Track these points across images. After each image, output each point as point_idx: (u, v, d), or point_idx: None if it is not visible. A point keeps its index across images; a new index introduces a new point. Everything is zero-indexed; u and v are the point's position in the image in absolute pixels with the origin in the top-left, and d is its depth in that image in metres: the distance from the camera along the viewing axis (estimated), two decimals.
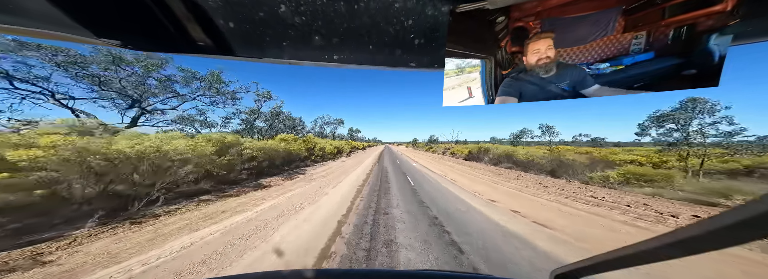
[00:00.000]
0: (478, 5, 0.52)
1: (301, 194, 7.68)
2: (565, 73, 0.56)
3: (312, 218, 5.25)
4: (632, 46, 0.51)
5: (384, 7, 0.53)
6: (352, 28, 0.59)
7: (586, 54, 0.54)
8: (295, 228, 4.65)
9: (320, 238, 4.15)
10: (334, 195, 7.56)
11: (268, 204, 6.46)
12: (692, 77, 0.48)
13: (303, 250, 3.71)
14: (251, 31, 0.60)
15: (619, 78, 0.53)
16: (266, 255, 3.55)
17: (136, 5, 0.52)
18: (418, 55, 0.69)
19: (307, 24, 0.57)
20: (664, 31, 0.48)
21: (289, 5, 0.53)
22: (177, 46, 0.63)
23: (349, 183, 9.85)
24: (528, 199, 7.65)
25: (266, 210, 5.89)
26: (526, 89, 0.60)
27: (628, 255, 0.42)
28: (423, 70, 0.75)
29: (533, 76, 0.58)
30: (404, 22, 0.57)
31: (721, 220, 0.27)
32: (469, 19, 0.54)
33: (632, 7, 0.48)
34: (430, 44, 0.64)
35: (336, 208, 6.11)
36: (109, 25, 0.55)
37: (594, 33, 0.52)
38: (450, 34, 0.56)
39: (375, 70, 0.80)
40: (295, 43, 0.64)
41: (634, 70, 0.51)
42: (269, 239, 4.11)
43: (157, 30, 0.58)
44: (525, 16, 0.54)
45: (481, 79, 0.63)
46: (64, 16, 0.50)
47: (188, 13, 0.54)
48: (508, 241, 4.14)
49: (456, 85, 0.64)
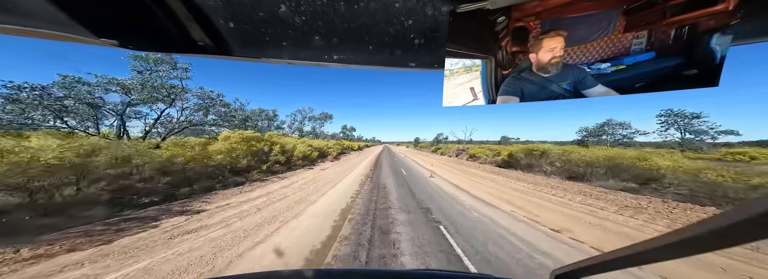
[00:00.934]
0: (479, 5, 0.51)
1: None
2: (566, 72, 0.56)
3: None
4: (633, 45, 0.51)
5: (384, 7, 0.53)
6: (352, 28, 0.59)
7: (587, 54, 0.54)
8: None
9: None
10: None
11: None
12: (693, 77, 0.48)
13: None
14: (251, 31, 0.60)
15: (619, 78, 0.53)
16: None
17: (136, 5, 0.52)
18: (418, 55, 0.69)
19: (307, 24, 0.57)
20: (665, 31, 0.48)
21: (289, 5, 0.53)
22: (177, 46, 0.63)
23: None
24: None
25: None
26: (528, 89, 0.60)
27: (628, 255, 0.41)
28: (423, 70, 0.75)
29: (534, 76, 0.58)
30: (404, 22, 0.57)
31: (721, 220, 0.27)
32: (470, 19, 0.54)
33: (633, 7, 0.48)
34: (430, 44, 0.64)
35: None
36: (109, 25, 0.55)
37: (595, 33, 0.52)
38: (450, 34, 0.56)
39: (375, 70, 0.80)
40: (295, 43, 0.64)
41: (634, 70, 0.51)
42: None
43: (157, 30, 0.58)
44: (525, 16, 0.54)
45: (482, 79, 0.63)
46: (64, 16, 0.50)
47: (188, 13, 0.54)
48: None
49: (456, 85, 0.64)
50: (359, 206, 6.66)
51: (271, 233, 4.74)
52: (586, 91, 0.56)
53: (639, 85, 0.51)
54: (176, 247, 4.17)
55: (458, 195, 8.24)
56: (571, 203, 7.45)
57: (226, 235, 4.63)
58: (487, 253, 3.87)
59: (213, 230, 4.92)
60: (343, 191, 8.64)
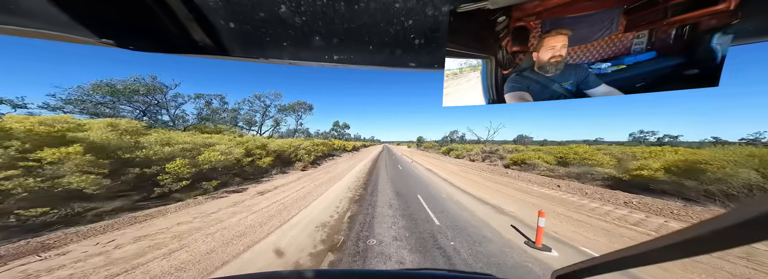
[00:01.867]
0: (479, 5, 0.51)
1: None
2: (568, 72, 0.56)
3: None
4: (634, 45, 0.51)
5: (384, 7, 0.53)
6: (352, 29, 0.59)
7: (588, 53, 0.53)
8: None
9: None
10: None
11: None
12: (693, 77, 0.48)
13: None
14: (251, 31, 0.60)
15: (620, 77, 0.53)
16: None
17: (136, 5, 0.52)
18: (418, 55, 0.69)
19: (307, 24, 0.57)
20: (665, 31, 0.48)
21: (289, 5, 0.53)
22: (177, 46, 0.63)
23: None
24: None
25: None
26: (529, 89, 0.60)
27: (629, 256, 0.41)
28: (423, 70, 0.75)
29: (536, 76, 0.58)
30: (404, 22, 0.57)
31: (722, 220, 0.27)
32: (470, 19, 0.54)
33: (633, 7, 0.48)
34: (430, 44, 0.63)
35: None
36: (109, 25, 0.55)
37: (595, 33, 0.52)
38: (450, 34, 0.56)
39: (375, 70, 0.80)
40: (295, 43, 0.64)
41: (635, 69, 0.51)
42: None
43: (157, 30, 0.58)
44: (526, 16, 0.53)
45: (482, 79, 0.62)
46: (64, 16, 0.49)
47: (188, 13, 0.54)
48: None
49: (456, 85, 0.64)
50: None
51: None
52: (589, 91, 0.56)
53: (640, 85, 0.51)
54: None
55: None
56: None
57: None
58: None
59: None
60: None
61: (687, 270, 3.68)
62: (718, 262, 3.89)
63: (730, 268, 3.73)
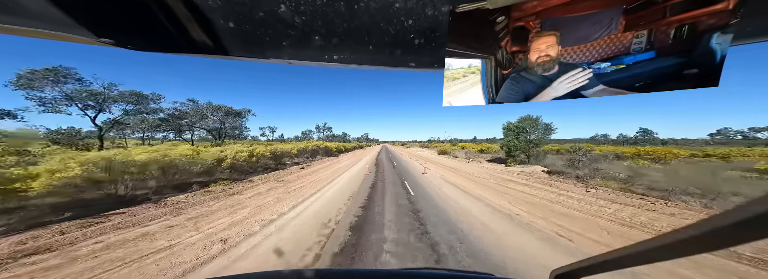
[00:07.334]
0: (478, 5, 0.51)
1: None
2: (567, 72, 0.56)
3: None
4: (633, 45, 0.51)
5: (384, 7, 0.53)
6: (352, 28, 0.59)
7: (587, 53, 0.53)
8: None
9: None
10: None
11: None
12: (693, 77, 0.48)
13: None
14: (251, 31, 0.60)
15: (620, 77, 0.53)
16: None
17: (136, 5, 0.52)
18: (418, 55, 0.69)
19: (307, 24, 0.57)
20: (665, 31, 0.48)
21: (289, 5, 0.53)
22: (177, 46, 0.63)
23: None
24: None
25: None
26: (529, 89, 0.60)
27: (627, 255, 0.41)
28: (423, 70, 0.75)
29: (535, 76, 0.58)
30: (404, 22, 0.57)
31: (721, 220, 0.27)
32: (469, 19, 0.54)
33: (633, 7, 0.48)
34: (430, 44, 0.63)
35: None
36: (109, 25, 0.55)
37: (595, 32, 0.52)
38: (450, 34, 0.56)
39: (375, 70, 0.80)
40: (295, 43, 0.64)
41: (635, 69, 0.51)
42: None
43: (157, 30, 0.57)
44: (525, 15, 0.53)
45: (482, 79, 0.62)
46: (64, 16, 0.49)
47: (188, 13, 0.54)
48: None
49: (456, 85, 0.64)
50: None
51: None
52: (586, 91, 0.56)
53: (639, 85, 0.51)
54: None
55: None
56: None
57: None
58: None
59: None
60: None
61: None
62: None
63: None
